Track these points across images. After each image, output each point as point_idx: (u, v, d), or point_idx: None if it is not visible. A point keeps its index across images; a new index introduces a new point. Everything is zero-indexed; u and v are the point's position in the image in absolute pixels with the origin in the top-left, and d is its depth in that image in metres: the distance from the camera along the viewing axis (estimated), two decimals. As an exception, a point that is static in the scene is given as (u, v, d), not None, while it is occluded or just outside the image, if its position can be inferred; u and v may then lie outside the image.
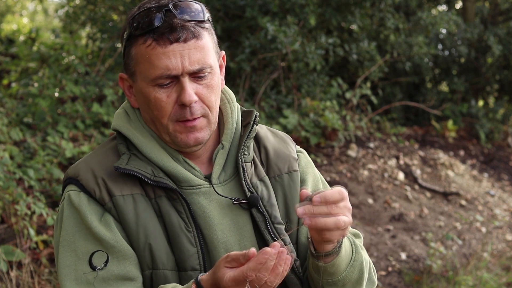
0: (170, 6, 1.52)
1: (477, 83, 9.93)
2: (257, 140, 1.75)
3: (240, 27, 7.50)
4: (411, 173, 7.10)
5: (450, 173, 7.41)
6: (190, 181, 1.61)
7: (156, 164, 1.60)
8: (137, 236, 1.55)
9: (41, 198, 4.12)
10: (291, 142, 1.80)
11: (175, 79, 1.54)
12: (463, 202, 6.76)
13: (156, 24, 1.51)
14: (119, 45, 7.69)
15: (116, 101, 6.00)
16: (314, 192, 1.44)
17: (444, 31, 9.53)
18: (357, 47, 7.87)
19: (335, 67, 8.77)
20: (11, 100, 6.38)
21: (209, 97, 1.58)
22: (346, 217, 1.45)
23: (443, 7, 10.72)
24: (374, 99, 7.77)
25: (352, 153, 7.05)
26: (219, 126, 1.71)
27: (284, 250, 1.37)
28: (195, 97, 1.54)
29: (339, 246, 1.55)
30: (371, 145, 7.42)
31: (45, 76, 6.58)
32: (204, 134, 1.60)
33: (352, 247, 1.63)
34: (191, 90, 1.54)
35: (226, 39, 7.64)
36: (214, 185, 1.63)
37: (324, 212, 1.42)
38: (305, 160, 1.78)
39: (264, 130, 1.79)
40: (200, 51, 1.54)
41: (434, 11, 9.95)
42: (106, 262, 1.53)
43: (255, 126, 1.69)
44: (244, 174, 1.64)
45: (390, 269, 5.11)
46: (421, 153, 7.73)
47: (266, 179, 1.68)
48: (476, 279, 5.04)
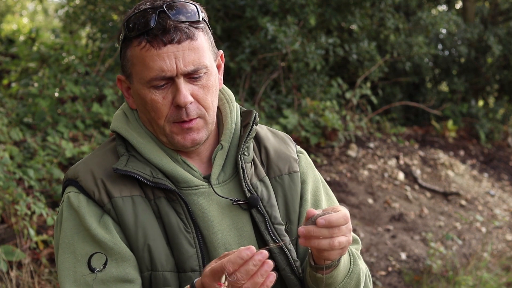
0: (164, 7, 1.52)
1: (477, 83, 9.93)
2: (258, 140, 1.74)
3: (240, 27, 7.51)
4: (411, 173, 7.10)
5: (450, 173, 7.41)
6: (189, 181, 1.60)
7: (155, 165, 1.60)
8: (136, 238, 1.55)
9: (41, 198, 4.12)
10: (291, 142, 1.79)
11: (170, 80, 1.54)
12: (463, 202, 6.76)
13: (150, 26, 1.51)
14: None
15: (116, 101, 6.00)
16: (320, 214, 1.45)
17: (444, 31, 9.53)
18: (357, 47, 7.87)
19: (335, 67, 8.77)
20: (11, 100, 6.37)
21: (205, 98, 1.58)
22: (345, 237, 1.46)
23: (443, 7, 10.72)
24: (374, 99, 7.77)
25: (352, 153, 7.05)
26: (218, 126, 1.71)
27: (271, 263, 1.33)
28: (190, 98, 1.54)
29: (338, 260, 1.56)
30: (371, 145, 7.42)
31: (45, 76, 6.58)
32: (201, 135, 1.60)
33: (350, 259, 1.63)
34: (186, 91, 1.54)
35: (226, 39, 7.65)
36: (213, 186, 1.62)
37: (325, 235, 1.43)
38: (306, 161, 1.78)
39: (264, 130, 1.79)
40: (195, 52, 1.54)
41: (434, 11, 9.95)
42: (105, 264, 1.53)
43: (254, 126, 1.69)
44: (243, 175, 1.64)
45: (390, 269, 5.11)
46: (421, 153, 7.73)
47: (266, 179, 1.68)
48: (476, 279, 5.04)
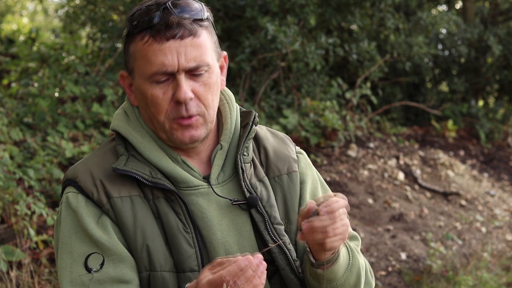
0: (168, 4, 1.53)
1: (477, 83, 9.93)
2: (257, 140, 1.75)
3: (240, 27, 7.51)
4: (411, 173, 7.10)
5: (450, 173, 7.41)
6: (189, 182, 1.60)
7: (155, 165, 1.60)
8: (134, 238, 1.55)
9: (41, 198, 4.12)
10: (290, 143, 1.80)
11: (171, 76, 1.54)
12: (463, 202, 6.76)
13: (153, 22, 1.52)
14: (119, 45, 7.70)
15: (116, 101, 6.00)
16: (318, 204, 1.49)
17: (444, 31, 9.53)
18: (357, 47, 7.87)
19: (335, 67, 8.77)
20: (11, 100, 6.37)
21: (206, 95, 1.58)
22: (346, 220, 1.50)
23: (443, 7, 10.72)
24: (374, 99, 7.77)
25: (352, 153, 7.05)
26: (218, 126, 1.71)
27: (264, 264, 1.39)
28: (190, 94, 1.54)
29: (337, 254, 1.57)
30: (371, 145, 7.42)
31: (45, 76, 6.58)
32: (200, 132, 1.59)
33: (348, 252, 1.64)
34: (186, 87, 1.54)
35: (226, 39, 7.65)
36: (212, 186, 1.62)
37: (327, 223, 1.46)
38: (305, 161, 1.78)
39: (264, 130, 1.79)
40: (197, 49, 1.54)
41: (434, 11, 9.95)
42: (102, 264, 1.53)
43: (254, 127, 1.69)
44: (243, 175, 1.64)
45: (390, 269, 5.11)
46: (421, 153, 7.73)
47: (266, 179, 1.68)
48: (476, 279, 5.04)
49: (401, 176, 6.93)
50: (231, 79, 7.32)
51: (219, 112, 1.72)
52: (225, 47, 7.32)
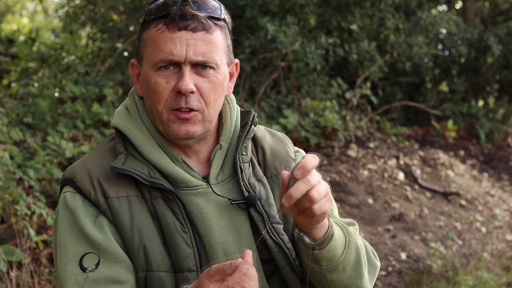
0: None
1: (477, 83, 9.94)
2: (255, 140, 1.75)
3: (240, 27, 7.51)
4: (411, 173, 7.10)
5: (450, 173, 7.41)
6: (188, 182, 1.60)
7: (154, 164, 1.60)
8: (131, 238, 1.55)
9: (41, 198, 4.12)
10: (289, 142, 1.80)
11: (177, 66, 1.55)
12: (463, 202, 6.76)
13: (170, 11, 1.54)
14: (119, 45, 7.70)
15: (116, 101, 5.99)
16: (292, 171, 1.40)
17: (444, 31, 9.53)
18: (357, 47, 7.87)
19: (335, 67, 8.77)
20: (11, 100, 6.38)
21: (208, 93, 1.57)
22: (323, 186, 1.40)
23: (443, 7, 10.72)
24: (374, 99, 7.77)
25: (352, 153, 7.05)
26: (218, 127, 1.71)
27: (254, 270, 1.35)
28: (192, 87, 1.54)
29: (332, 231, 1.53)
30: (371, 145, 7.42)
31: (45, 76, 6.58)
32: (196, 128, 1.59)
33: (343, 231, 1.61)
34: (189, 79, 1.55)
35: (226, 39, 7.64)
36: (212, 185, 1.62)
37: (303, 188, 1.37)
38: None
39: (262, 130, 1.79)
40: (208, 45, 1.55)
41: (434, 11, 9.95)
42: (97, 264, 1.52)
43: (253, 127, 1.70)
44: (242, 174, 1.64)
45: (390, 269, 5.11)
46: (421, 153, 7.73)
47: (264, 179, 1.68)
48: (476, 279, 5.04)
49: (401, 176, 6.93)
50: (231, 79, 7.32)
51: (219, 113, 1.72)
52: (225, 47, 7.31)
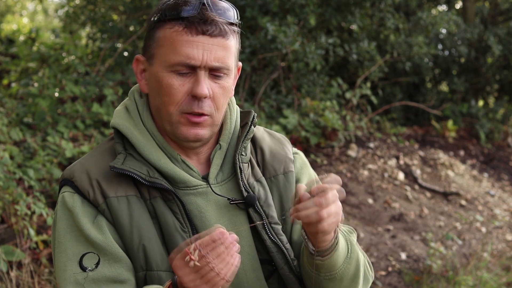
0: (206, 0, 1.55)
1: (477, 83, 9.94)
2: (254, 141, 1.76)
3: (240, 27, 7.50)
4: (411, 173, 7.10)
5: (450, 173, 7.42)
6: (187, 182, 1.61)
7: (153, 164, 1.60)
8: (131, 238, 1.55)
9: (41, 198, 4.12)
10: (288, 143, 1.81)
11: (192, 70, 1.55)
12: (463, 202, 6.76)
13: (189, 13, 1.53)
14: (119, 45, 7.70)
15: (116, 101, 5.99)
16: (310, 183, 1.47)
17: (444, 31, 9.53)
18: (357, 47, 7.87)
19: (335, 67, 8.77)
20: (11, 100, 6.37)
21: (220, 98, 1.58)
22: (334, 206, 1.46)
23: (443, 7, 10.72)
24: (374, 99, 7.77)
25: (352, 153, 7.06)
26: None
27: (237, 245, 1.37)
28: (208, 92, 1.55)
29: (336, 242, 1.54)
30: (371, 145, 7.42)
31: (45, 76, 6.58)
32: (205, 132, 1.59)
33: (347, 243, 1.62)
34: (206, 84, 1.55)
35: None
36: (211, 185, 1.63)
37: (313, 210, 1.43)
38: (301, 161, 1.79)
39: (261, 131, 1.80)
40: (224, 51, 1.55)
41: (434, 11, 9.95)
42: (97, 264, 1.53)
43: (252, 127, 1.70)
44: (241, 174, 1.64)
45: (390, 269, 5.11)
46: (421, 153, 7.73)
47: (263, 179, 1.69)
48: (476, 279, 5.04)
49: (401, 176, 6.93)
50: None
51: None
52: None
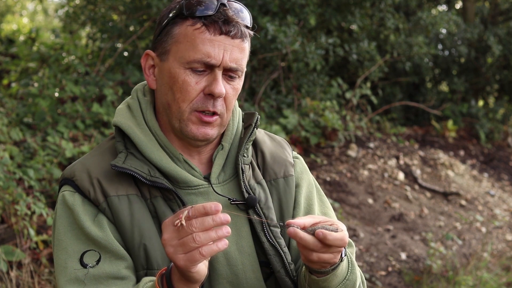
0: (226, 1, 1.55)
1: (477, 83, 9.94)
2: (254, 144, 1.76)
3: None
4: (411, 173, 7.10)
5: (450, 173, 7.42)
6: (189, 181, 1.61)
7: (154, 164, 1.60)
8: (131, 237, 1.55)
9: (41, 198, 4.12)
10: (287, 147, 1.81)
11: (209, 69, 1.55)
12: (463, 202, 6.76)
13: (212, 11, 1.53)
14: (119, 45, 7.69)
15: (116, 101, 5.99)
16: (320, 225, 1.43)
17: (444, 31, 9.54)
18: (357, 47, 7.87)
19: (335, 67, 8.78)
20: (11, 100, 6.37)
21: (231, 99, 1.60)
22: (330, 255, 1.45)
23: (443, 7, 10.72)
24: (374, 99, 7.77)
25: (352, 153, 7.06)
26: None
27: (229, 230, 1.33)
28: (224, 91, 1.56)
29: (337, 265, 1.52)
30: (371, 145, 7.42)
31: (45, 76, 6.58)
32: (213, 132, 1.60)
33: (349, 266, 1.59)
34: (222, 84, 1.56)
35: (226, 39, 7.64)
36: (213, 185, 1.63)
37: (315, 248, 1.42)
38: (301, 166, 1.80)
39: (261, 134, 1.80)
40: (241, 52, 1.57)
41: (434, 11, 9.96)
42: (98, 261, 1.52)
43: (255, 129, 1.71)
44: (243, 176, 1.64)
45: (390, 269, 5.11)
46: (421, 153, 7.73)
47: (263, 182, 1.69)
48: (476, 279, 5.04)
49: (401, 176, 6.93)
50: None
51: None
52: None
